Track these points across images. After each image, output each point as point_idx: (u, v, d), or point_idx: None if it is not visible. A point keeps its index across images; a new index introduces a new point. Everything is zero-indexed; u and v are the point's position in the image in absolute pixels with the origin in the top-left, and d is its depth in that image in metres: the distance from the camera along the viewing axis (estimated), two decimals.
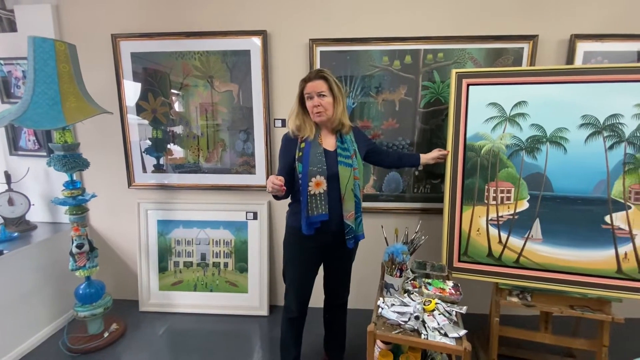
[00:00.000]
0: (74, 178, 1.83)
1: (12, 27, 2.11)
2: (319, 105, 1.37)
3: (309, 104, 1.39)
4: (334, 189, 1.38)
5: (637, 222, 1.49)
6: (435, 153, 1.71)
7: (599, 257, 1.52)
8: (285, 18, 1.96)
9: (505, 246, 1.63)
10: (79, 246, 1.82)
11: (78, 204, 1.80)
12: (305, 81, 1.40)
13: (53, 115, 1.56)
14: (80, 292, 1.90)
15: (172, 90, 2.09)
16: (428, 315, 1.21)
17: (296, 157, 1.39)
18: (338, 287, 1.62)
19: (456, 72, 1.66)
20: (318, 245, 1.45)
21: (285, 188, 1.28)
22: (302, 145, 1.39)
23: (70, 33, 2.07)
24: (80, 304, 1.91)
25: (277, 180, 1.24)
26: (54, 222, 2.28)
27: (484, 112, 1.64)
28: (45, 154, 2.17)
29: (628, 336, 1.94)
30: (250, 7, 1.97)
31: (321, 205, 1.34)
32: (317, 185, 1.34)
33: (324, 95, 1.37)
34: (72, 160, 1.74)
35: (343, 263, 1.57)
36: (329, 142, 1.44)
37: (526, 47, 1.86)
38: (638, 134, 1.47)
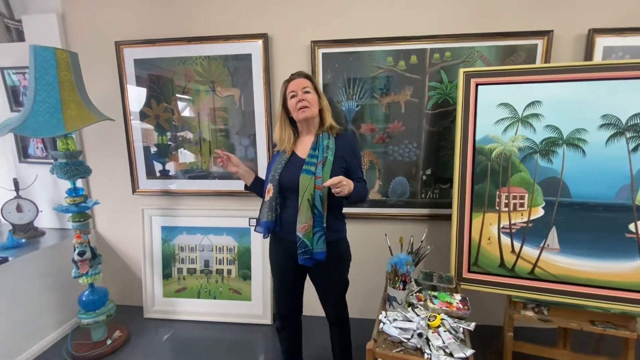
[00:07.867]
0: (77, 185, 1.83)
1: (20, 37, 2.15)
2: (303, 100, 1.31)
3: (292, 101, 1.34)
4: (295, 199, 1.30)
5: None
6: None
7: (623, 268, 1.40)
8: (286, 20, 1.92)
9: (518, 256, 1.53)
10: (81, 254, 1.81)
11: (80, 211, 1.80)
12: (287, 81, 1.37)
13: (53, 123, 1.56)
14: (84, 299, 1.90)
15: (177, 95, 2.08)
16: (432, 332, 1.13)
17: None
18: (325, 306, 1.51)
19: (464, 72, 1.58)
20: (287, 255, 1.37)
21: (225, 157, 1.43)
22: (275, 152, 1.47)
23: (75, 41, 2.09)
24: (84, 311, 1.91)
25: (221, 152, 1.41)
26: (61, 228, 2.30)
27: (494, 113, 1.55)
28: (52, 161, 2.19)
29: None
30: (251, 11, 1.94)
31: (268, 213, 1.35)
32: (268, 192, 1.37)
33: (308, 92, 1.33)
34: (73, 168, 1.74)
35: (324, 281, 1.45)
36: (304, 149, 1.37)
37: (540, 43, 1.75)
38: None
